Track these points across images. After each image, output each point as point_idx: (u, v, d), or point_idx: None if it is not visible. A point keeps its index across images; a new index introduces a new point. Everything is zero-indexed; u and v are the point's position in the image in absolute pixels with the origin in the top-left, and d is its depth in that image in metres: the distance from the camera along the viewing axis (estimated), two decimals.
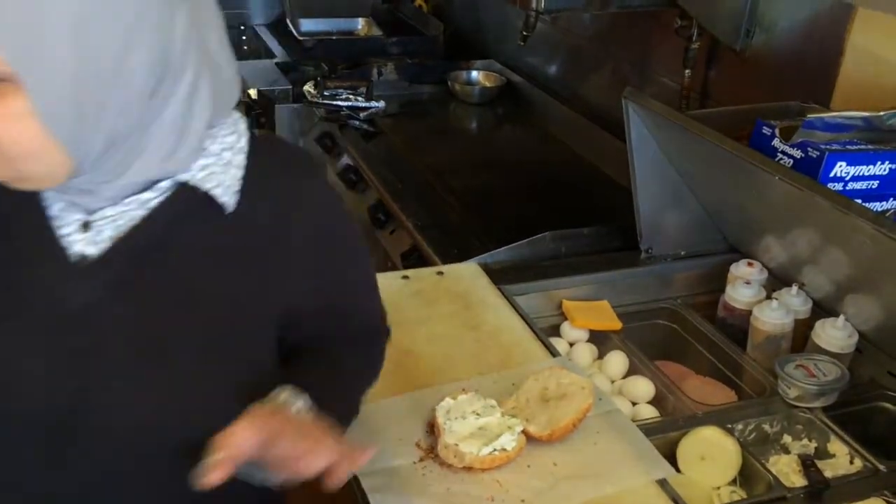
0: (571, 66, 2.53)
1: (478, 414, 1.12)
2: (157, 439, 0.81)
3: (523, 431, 1.12)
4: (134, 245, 0.78)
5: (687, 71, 1.87)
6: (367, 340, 1.03)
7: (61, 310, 0.77)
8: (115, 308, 0.78)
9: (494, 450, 1.07)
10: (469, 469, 1.08)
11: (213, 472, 0.73)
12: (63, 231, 0.78)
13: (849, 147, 1.30)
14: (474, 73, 2.80)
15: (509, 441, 1.09)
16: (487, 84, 2.75)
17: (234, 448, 0.74)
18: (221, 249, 0.83)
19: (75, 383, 0.78)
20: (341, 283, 0.94)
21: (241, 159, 0.82)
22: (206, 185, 0.79)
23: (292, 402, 0.84)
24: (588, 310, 1.52)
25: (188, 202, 0.79)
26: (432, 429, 1.14)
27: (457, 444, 1.07)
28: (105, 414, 0.79)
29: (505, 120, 2.62)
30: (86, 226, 0.77)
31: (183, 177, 0.79)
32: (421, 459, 1.10)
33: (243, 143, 0.83)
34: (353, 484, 1.05)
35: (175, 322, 0.81)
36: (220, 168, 0.80)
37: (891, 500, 1.11)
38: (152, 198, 0.78)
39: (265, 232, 0.84)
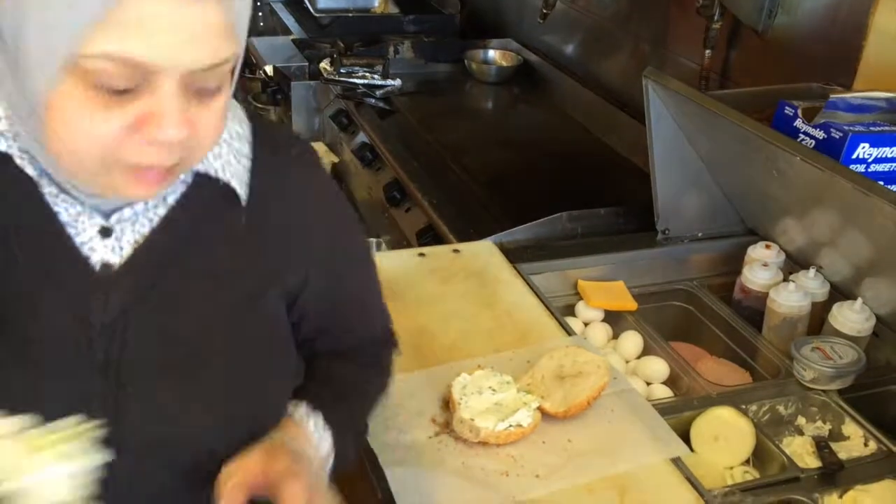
0: (589, 45, 2.51)
1: (494, 390, 1.13)
2: (196, 447, 0.76)
3: (539, 408, 1.12)
4: (157, 248, 0.74)
5: (707, 51, 1.85)
6: (376, 349, 0.98)
7: (87, 324, 0.72)
8: (142, 316, 0.73)
9: (510, 425, 1.08)
10: (484, 444, 1.08)
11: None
12: (80, 239, 0.72)
13: (872, 128, 1.29)
14: (491, 52, 2.78)
15: (525, 417, 1.09)
16: (504, 63, 2.73)
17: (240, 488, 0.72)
18: (238, 243, 0.78)
19: (106, 399, 0.72)
20: (349, 272, 0.90)
21: (247, 148, 0.78)
22: (225, 176, 0.75)
23: (306, 421, 0.83)
24: (603, 290, 1.52)
25: (207, 196, 0.75)
26: (448, 404, 1.15)
27: (472, 419, 1.08)
28: (141, 426, 0.74)
29: (521, 99, 2.60)
30: (104, 231, 0.72)
31: (200, 167, 0.73)
32: (436, 434, 1.11)
33: (247, 130, 0.79)
34: (369, 458, 1.06)
35: (203, 323, 0.77)
36: (233, 158, 0.76)
37: None
38: (170, 192, 0.74)
39: (275, 222, 0.80)
